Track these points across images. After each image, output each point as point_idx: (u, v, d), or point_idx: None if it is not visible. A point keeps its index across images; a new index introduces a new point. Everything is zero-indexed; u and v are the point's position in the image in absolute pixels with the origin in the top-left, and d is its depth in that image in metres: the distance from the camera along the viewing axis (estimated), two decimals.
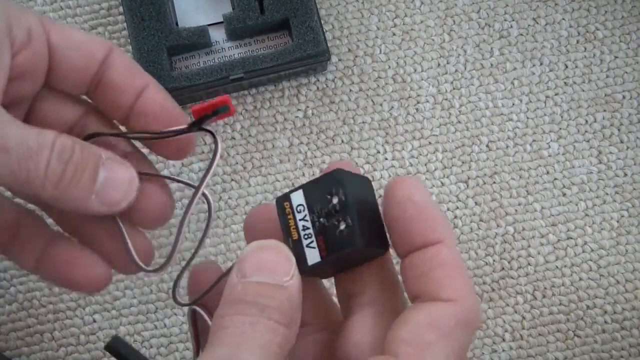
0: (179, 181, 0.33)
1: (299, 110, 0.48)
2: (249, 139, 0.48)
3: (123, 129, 0.31)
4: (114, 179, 0.28)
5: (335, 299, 0.30)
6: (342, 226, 0.26)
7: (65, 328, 0.45)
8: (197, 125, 0.28)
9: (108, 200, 0.28)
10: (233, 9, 0.47)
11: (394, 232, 0.26)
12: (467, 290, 0.25)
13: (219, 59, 0.47)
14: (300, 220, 0.27)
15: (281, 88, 0.48)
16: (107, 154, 0.28)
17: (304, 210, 0.27)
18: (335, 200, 0.26)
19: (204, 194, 0.29)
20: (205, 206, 0.30)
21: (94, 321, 0.45)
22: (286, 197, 0.27)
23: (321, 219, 0.26)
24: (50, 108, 0.30)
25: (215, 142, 0.29)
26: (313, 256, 0.26)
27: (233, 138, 0.48)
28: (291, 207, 0.27)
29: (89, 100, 0.31)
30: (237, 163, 0.47)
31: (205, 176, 0.29)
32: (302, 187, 0.27)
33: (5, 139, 0.25)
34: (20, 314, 0.45)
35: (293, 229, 0.27)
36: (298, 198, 0.27)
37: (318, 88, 0.48)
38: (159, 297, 0.46)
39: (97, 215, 0.29)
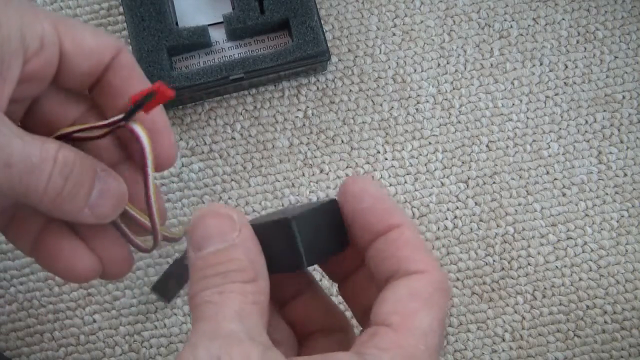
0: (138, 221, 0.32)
1: (299, 110, 0.48)
2: (249, 139, 0.48)
3: None
4: (107, 194, 0.29)
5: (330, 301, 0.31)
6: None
7: (65, 328, 0.45)
8: (130, 115, 0.28)
9: (98, 214, 0.29)
10: (233, 9, 0.47)
11: (355, 225, 0.28)
12: (435, 262, 0.27)
13: (219, 59, 0.47)
14: None
15: (281, 88, 0.48)
16: (101, 165, 0.29)
17: None
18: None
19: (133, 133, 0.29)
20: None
21: (94, 321, 0.45)
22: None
23: None
24: (53, 105, 0.30)
25: (140, 143, 0.29)
26: None
27: (233, 138, 0.48)
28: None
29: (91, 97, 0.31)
30: (237, 163, 0.47)
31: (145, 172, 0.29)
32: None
33: (9, 156, 0.25)
34: (20, 314, 0.45)
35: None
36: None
37: (318, 88, 0.48)
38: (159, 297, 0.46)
39: (85, 223, 0.29)
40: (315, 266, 0.31)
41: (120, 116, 0.29)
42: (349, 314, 0.31)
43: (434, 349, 0.25)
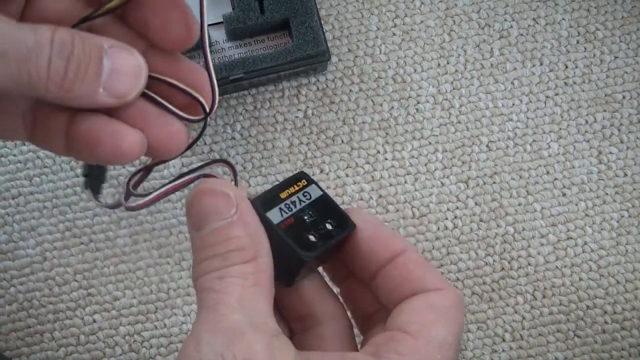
0: (174, 85, 0.29)
1: (299, 110, 0.48)
2: (249, 139, 0.48)
3: None
4: (120, 69, 0.26)
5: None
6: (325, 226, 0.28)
7: (65, 328, 0.45)
8: None
9: (116, 92, 0.26)
10: (233, 9, 0.47)
11: (359, 256, 0.28)
12: (447, 282, 0.27)
13: (219, 59, 0.47)
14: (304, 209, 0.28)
15: (281, 88, 0.48)
16: (109, 41, 0.26)
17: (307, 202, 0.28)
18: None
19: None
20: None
21: (94, 321, 0.45)
22: (309, 181, 0.28)
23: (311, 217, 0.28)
24: (49, 1, 0.28)
25: None
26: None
27: (233, 138, 0.48)
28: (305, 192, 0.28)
29: None
30: (237, 163, 0.47)
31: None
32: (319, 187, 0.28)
33: (0, 43, 0.23)
34: (20, 314, 0.45)
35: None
36: (315, 192, 0.29)
37: (318, 88, 0.48)
38: (158, 297, 0.46)
39: (108, 107, 0.27)
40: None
41: None
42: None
43: None
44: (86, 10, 0.28)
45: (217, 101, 0.29)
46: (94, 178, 0.32)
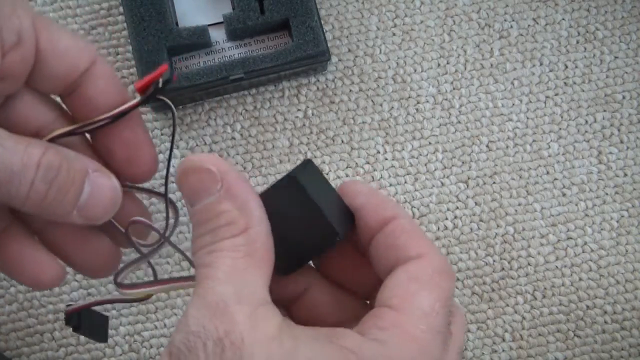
0: (150, 192, 0.32)
1: (299, 110, 0.48)
2: (249, 139, 0.48)
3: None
4: (98, 196, 0.27)
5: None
6: None
7: (65, 328, 0.45)
8: (147, 97, 0.28)
9: (89, 216, 0.28)
10: (233, 9, 0.47)
11: (356, 230, 0.28)
12: (433, 247, 0.27)
13: (219, 59, 0.47)
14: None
15: (281, 88, 0.48)
16: (93, 165, 0.28)
17: None
18: None
19: (170, 200, 0.30)
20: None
21: None
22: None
23: None
24: (24, 107, 0.29)
25: (173, 114, 0.29)
26: None
27: (233, 138, 0.48)
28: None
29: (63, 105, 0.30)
30: (237, 163, 0.47)
31: (169, 161, 0.29)
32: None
33: None
34: (20, 314, 0.45)
35: None
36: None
37: (318, 88, 0.48)
38: (158, 297, 0.46)
39: (75, 225, 0.28)
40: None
41: (135, 101, 0.28)
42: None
43: (436, 330, 0.25)
44: (58, 118, 0.29)
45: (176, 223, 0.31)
46: (80, 329, 0.32)
